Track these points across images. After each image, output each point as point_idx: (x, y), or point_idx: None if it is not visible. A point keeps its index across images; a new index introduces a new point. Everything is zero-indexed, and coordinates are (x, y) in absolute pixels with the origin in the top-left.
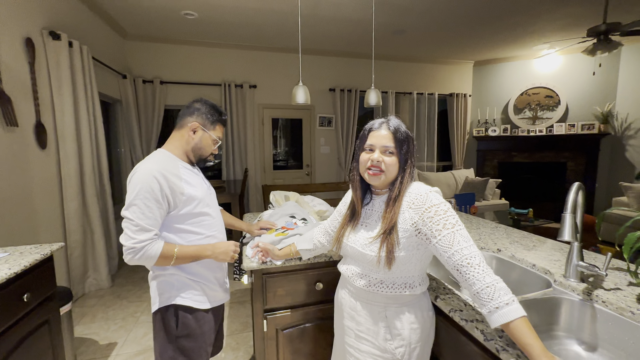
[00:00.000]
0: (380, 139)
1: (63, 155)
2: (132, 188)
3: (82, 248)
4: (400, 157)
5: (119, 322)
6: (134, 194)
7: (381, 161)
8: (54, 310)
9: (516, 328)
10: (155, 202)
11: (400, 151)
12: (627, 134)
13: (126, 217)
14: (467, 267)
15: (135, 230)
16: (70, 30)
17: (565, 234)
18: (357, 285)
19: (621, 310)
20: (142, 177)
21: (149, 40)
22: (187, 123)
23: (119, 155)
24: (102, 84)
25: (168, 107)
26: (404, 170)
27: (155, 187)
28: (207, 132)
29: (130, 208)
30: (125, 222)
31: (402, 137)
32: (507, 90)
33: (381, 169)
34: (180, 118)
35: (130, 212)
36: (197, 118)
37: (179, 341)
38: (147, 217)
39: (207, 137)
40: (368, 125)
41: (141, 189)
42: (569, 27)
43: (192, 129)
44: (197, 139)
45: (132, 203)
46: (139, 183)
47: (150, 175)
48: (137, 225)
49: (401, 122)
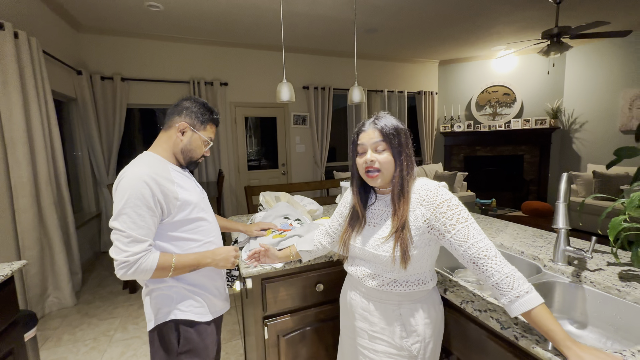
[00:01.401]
0: (369, 138)
1: (12, 162)
2: (121, 195)
3: (40, 264)
4: (393, 150)
5: (89, 342)
6: (122, 202)
7: (375, 160)
8: (18, 338)
9: (538, 315)
10: (147, 210)
11: (392, 145)
12: (574, 127)
13: (115, 228)
14: (484, 259)
15: (127, 242)
16: (16, 20)
17: (559, 221)
18: (368, 285)
19: (608, 289)
20: (131, 183)
21: (107, 33)
22: (175, 123)
23: (76, 159)
24: (54, 81)
25: (131, 106)
26: (400, 163)
27: (147, 192)
28: (197, 133)
29: (119, 218)
30: (114, 234)
31: (390, 131)
32: (469, 88)
33: (377, 168)
34: (167, 118)
35: (120, 222)
36: (185, 118)
37: (181, 358)
38: (139, 226)
39: (197, 138)
40: (356, 129)
41: (131, 195)
42: (525, 30)
43: (181, 130)
44: (186, 141)
45: (121, 212)
46: (128, 189)
47: (140, 180)
48: (129, 236)
49: (390, 116)
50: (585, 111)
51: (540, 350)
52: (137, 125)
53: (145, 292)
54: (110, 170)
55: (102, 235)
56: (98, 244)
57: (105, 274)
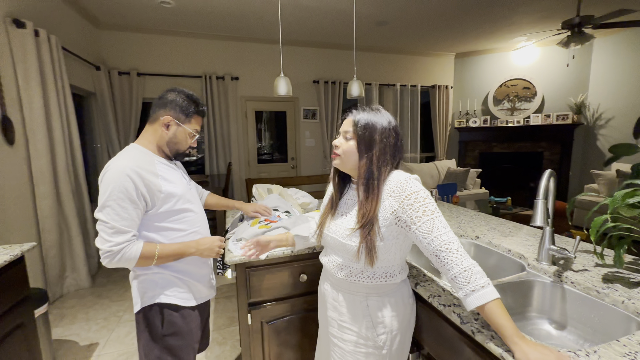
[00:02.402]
0: (345, 125)
1: (33, 152)
2: (105, 188)
3: (59, 248)
4: (359, 143)
5: (100, 322)
6: (106, 195)
7: (338, 145)
8: (28, 313)
9: (490, 310)
10: (130, 203)
11: (359, 137)
12: (598, 123)
13: (100, 220)
14: (445, 252)
15: (110, 232)
16: (37, 19)
17: (537, 219)
18: (338, 276)
19: (588, 290)
20: (114, 176)
21: (124, 29)
22: (160, 117)
23: (95, 152)
24: (74, 76)
25: (146, 100)
26: (367, 156)
27: (130, 186)
28: (182, 126)
29: (104, 210)
30: (99, 225)
31: (362, 123)
32: (487, 82)
33: (337, 153)
34: (152, 110)
35: (104, 214)
36: (170, 111)
37: (165, 340)
38: (122, 218)
39: (182, 131)
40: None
41: (114, 189)
42: (545, 20)
43: (165, 124)
44: (171, 134)
45: (105, 204)
46: (112, 183)
47: (123, 173)
48: (112, 227)
49: (370, 111)
50: (611, 106)
51: (492, 346)
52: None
53: (132, 276)
54: None
55: None
56: None
57: None
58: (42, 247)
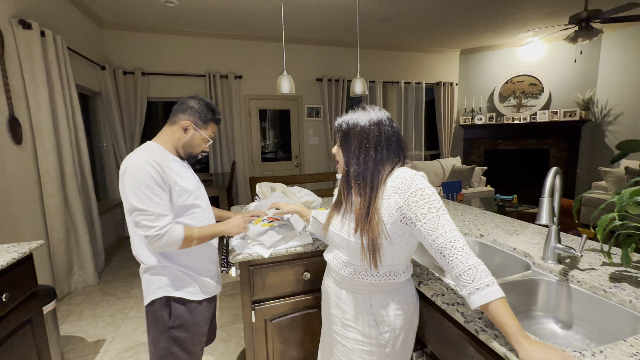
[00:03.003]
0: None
1: (40, 151)
2: (131, 180)
3: (66, 245)
4: (340, 142)
5: (107, 318)
6: (135, 186)
7: (335, 153)
8: (36, 310)
9: (494, 309)
10: (159, 189)
11: (341, 139)
12: (607, 120)
13: (138, 209)
14: (450, 249)
15: (151, 219)
16: (42, 19)
17: (543, 217)
18: (342, 274)
19: (594, 289)
20: (138, 168)
21: (129, 29)
22: (179, 120)
23: (101, 150)
24: (79, 76)
25: (151, 99)
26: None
27: (154, 173)
28: (199, 131)
29: (138, 199)
30: (138, 216)
31: (341, 127)
32: (492, 79)
33: (337, 159)
34: (173, 113)
35: (141, 203)
36: (189, 116)
37: (172, 332)
38: (157, 204)
39: (198, 135)
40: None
41: (142, 178)
42: (552, 15)
43: (184, 127)
44: (188, 137)
45: (138, 195)
46: (137, 174)
47: (145, 163)
48: (152, 213)
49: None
50: (620, 102)
51: (496, 345)
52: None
53: (142, 270)
54: None
55: (126, 221)
56: (122, 229)
57: (127, 256)
58: (50, 245)
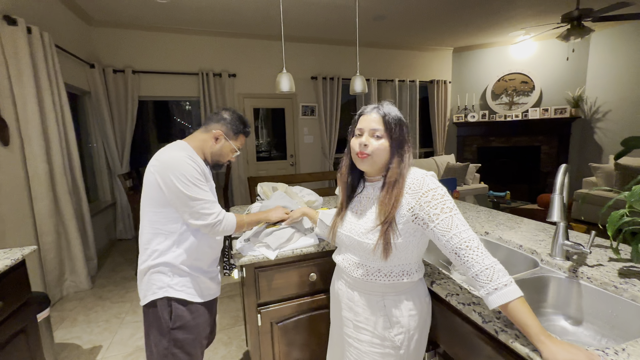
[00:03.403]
0: (369, 122)
1: (29, 152)
2: (178, 174)
3: (57, 250)
4: (391, 141)
5: (102, 324)
6: (184, 178)
7: (368, 144)
8: (30, 318)
9: (514, 308)
10: (204, 179)
11: (391, 135)
12: (596, 117)
13: (196, 199)
14: (465, 250)
15: (208, 206)
16: (28, 16)
17: (554, 214)
18: (354, 275)
19: (605, 285)
20: (179, 162)
21: (118, 26)
22: (212, 129)
23: (91, 151)
24: (68, 75)
25: (142, 98)
26: (397, 155)
27: (195, 167)
28: (229, 142)
29: (192, 190)
30: (197, 205)
31: (392, 120)
32: (485, 77)
33: (368, 153)
34: (207, 121)
35: (195, 193)
36: (222, 127)
37: (173, 333)
38: (207, 192)
39: (227, 145)
40: (359, 111)
41: (187, 170)
42: (544, 14)
43: (215, 137)
44: (218, 147)
45: (189, 186)
46: (181, 167)
47: (186, 157)
48: (207, 201)
49: (394, 107)
50: (609, 99)
51: (518, 345)
52: (150, 116)
53: (142, 270)
54: (123, 161)
55: (118, 223)
56: (114, 231)
57: (120, 259)
58: (40, 250)
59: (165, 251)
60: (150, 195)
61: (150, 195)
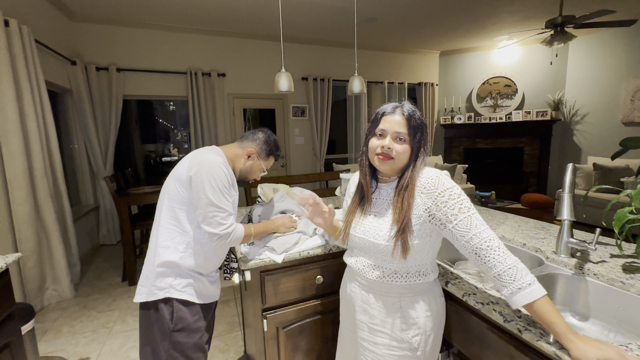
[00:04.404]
0: (393, 125)
1: (7, 153)
2: (209, 177)
3: (38, 257)
4: (413, 144)
5: (88, 335)
6: (214, 183)
7: (392, 148)
8: (15, 331)
9: (540, 307)
10: (233, 190)
11: (414, 138)
12: (575, 119)
13: (215, 205)
14: (486, 250)
15: (224, 216)
16: (6, 8)
17: (564, 212)
18: (369, 277)
19: (612, 281)
20: (215, 167)
21: (102, 22)
22: (247, 147)
23: (72, 152)
24: (48, 72)
25: (127, 97)
26: (416, 157)
27: (228, 175)
28: (259, 161)
29: (215, 196)
30: (213, 212)
31: (416, 123)
32: (470, 80)
33: (391, 155)
34: (244, 138)
35: (218, 200)
36: (256, 146)
37: (174, 335)
38: (229, 203)
39: (257, 165)
40: (380, 109)
41: (220, 177)
42: (528, 19)
43: (248, 154)
44: (249, 165)
45: (215, 192)
46: (215, 172)
47: (222, 164)
48: (225, 211)
49: (415, 107)
50: (586, 103)
51: (544, 344)
52: (135, 116)
53: (150, 270)
54: (107, 163)
55: (101, 228)
56: (97, 236)
57: (104, 265)
58: (20, 258)
59: (174, 249)
60: (175, 190)
61: (175, 190)
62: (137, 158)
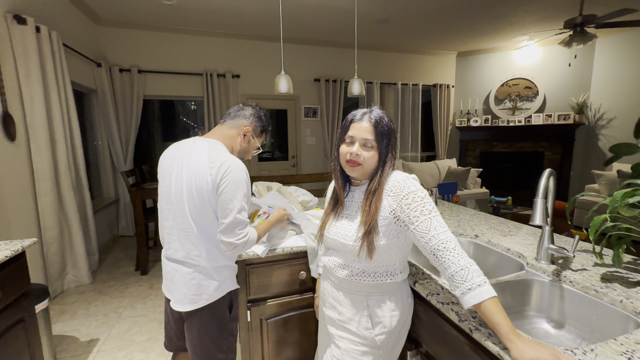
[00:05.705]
0: (361, 132)
1: (34, 148)
2: (238, 185)
3: (59, 244)
4: (381, 150)
5: (100, 318)
6: (242, 192)
7: (360, 154)
8: (28, 308)
9: (487, 308)
10: (249, 195)
11: (381, 144)
12: (600, 123)
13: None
14: (443, 251)
15: (242, 226)
16: (38, 15)
17: (536, 218)
18: (339, 275)
19: (586, 289)
20: (242, 174)
21: (125, 26)
22: (241, 125)
23: (96, 148)
24: (75, 73)
25: (147, 97)
26: (384, 163)
27: (249, 183)
28: (254, 139)
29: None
30: (237, 220)
31: (383, 130)
32: (488, 81)
33: (359, 162)
34: (233, 117)
35: (242, 213)
36: (250, 123)
37: (231, 325)
38: (247, 211)
39: (253, 143)
40: (350, 116)
41: (246, 187)
42: (547, 19)
43: (244, 133)
44: (245, 144)
45: (241, 200)
46: (243, 181)
47: (245, 169)
48: (244, 222)
49: (384, 113)
50: (613, 106)
51: (490, 344)
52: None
53: (210, 267)
54: (127, 159)
55: (120, 220)
56: (116, 227)
57: (121, 255)
58: (43, 244)
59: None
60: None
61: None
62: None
